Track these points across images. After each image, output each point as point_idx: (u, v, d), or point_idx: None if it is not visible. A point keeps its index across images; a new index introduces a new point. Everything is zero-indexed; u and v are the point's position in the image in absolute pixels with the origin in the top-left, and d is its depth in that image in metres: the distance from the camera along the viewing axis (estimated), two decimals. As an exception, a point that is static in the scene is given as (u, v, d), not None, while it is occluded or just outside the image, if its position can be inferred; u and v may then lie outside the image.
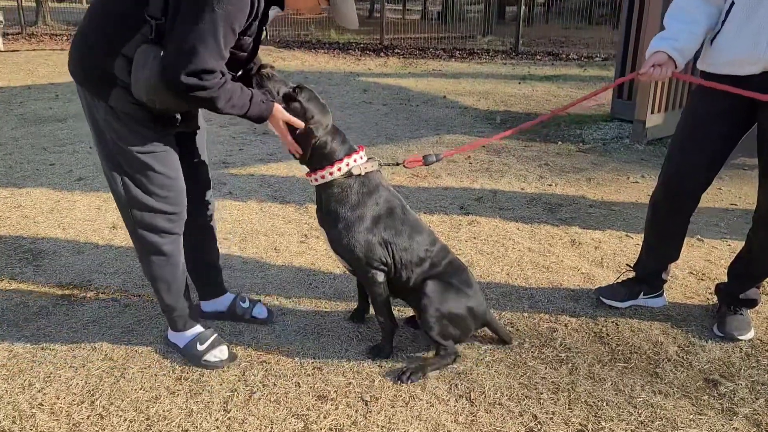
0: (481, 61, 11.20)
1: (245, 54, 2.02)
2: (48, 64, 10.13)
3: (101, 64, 1.92)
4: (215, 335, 2.35)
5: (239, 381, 2.21)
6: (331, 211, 2.20)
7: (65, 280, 2.94)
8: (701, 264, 3.07)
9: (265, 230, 3.54)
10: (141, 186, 2.10)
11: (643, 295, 2.66)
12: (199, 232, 2.46)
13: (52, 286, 2.88)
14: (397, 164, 2.39)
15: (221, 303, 2.60)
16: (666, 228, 2.58)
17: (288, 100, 2.13)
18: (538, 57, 11.61)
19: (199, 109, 2.28)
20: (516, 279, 2.94)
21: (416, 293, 2.25)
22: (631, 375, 2.21)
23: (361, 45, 13.35)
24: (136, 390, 2.16)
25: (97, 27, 1.94)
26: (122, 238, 3.41)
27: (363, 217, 2.18)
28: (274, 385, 2.18)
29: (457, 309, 2.22)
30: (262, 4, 1.91)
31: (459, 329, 2.24)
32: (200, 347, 2.30)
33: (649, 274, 2.66)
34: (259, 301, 2.63)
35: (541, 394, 2.10)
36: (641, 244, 2.72)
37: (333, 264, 3.10)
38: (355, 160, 2.19)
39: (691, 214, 2.53)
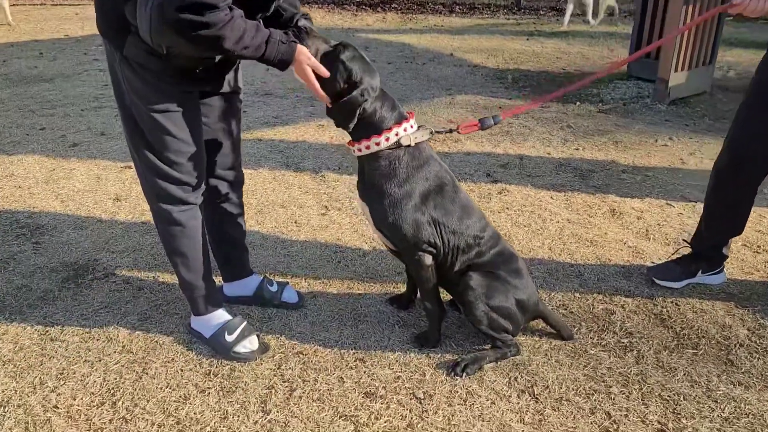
0: (483, 16, 10.79)
1: None
2: (29, 20, 9.61)
3: (116, 8, 1.72)
4: (245, 323, 2.13)
5: (275, 376, 2.00)
6: (376, 185, 1.96)
7: (69, 260, 2.69)
8: (754, 235, 2.88)
9: (282, 201, 3.29)
10: (154, 150, 1.88)
11: (702, 273, 2.46)
12: (224, 206, 2.22)
13: (56, 266, 2.64)
14: (451, 131, 2.12)
15: (246, 286, 2.37)
16: (731, 197, 2.37)
17: (329, 60, 1.86)
18: (541, 12, 11.22)
19: (236, 69, 2.02)
20: (560, 254, 2.72)
21: (457, 282, 2.04)
22: (703, 363, 2.02)
23: (357, 0, 12.85)
24: (161, 388, 1.94)
25: None
26: (127, 211, 3.15)
27: (412, 193, 1.94)
28: (315, 380, 1.97)
29: (506, 302, 2.01)
30: None
31: (510, 322, 2.03)
32: (229, 337, 2.08)
33: (708, 249, 2.45)
34: (287, 283, 2.41)
35: (611, 387, 1.91)
36: (700, 216, 2.50)
37: (360, 239, 2.87)
38: (405, 129, 1.94)
39: (760, 182, 2.32)
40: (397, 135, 1.93)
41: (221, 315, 2.15)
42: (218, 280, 2.36)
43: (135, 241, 2.86)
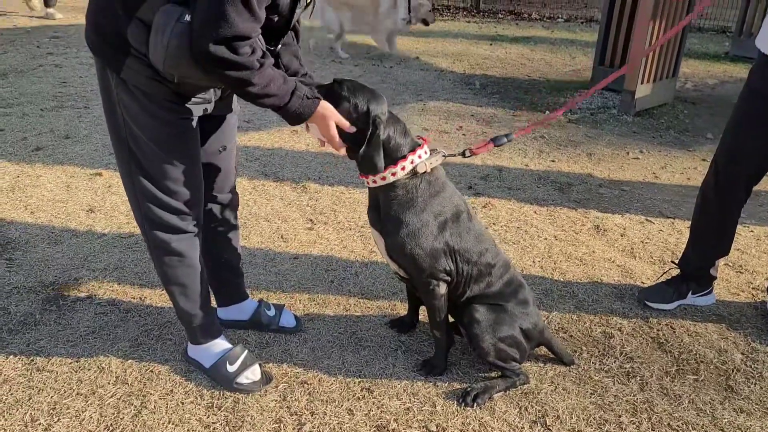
0: (443, 18, 10.83)
1: (279, 19, 1.69)
2: (-29, 7, 9.09)
3: (115, 27, 1.62)
4: (246, 352, 2.05)
5: (282, 408, 1.93)
6: (392, 216, 1.91)
7: (48, 278, 2.54)
8: (734, 254, 2.97)
9: (265, 214, 3.21)
10: (152, 179, 1.78)
11: (692, 294, 2.52)
12: (219, 229, 2.13)
13: (34, 286, 2.49)
14: (464, 155, 2.09)
15: (242, 310, 2.29)
16: (716, 219, 2.43)
17: (330, 96, 1.80)
18: (500, 15, 11.35)
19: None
20: (552, 273, 2.75)
21: (463, 310, 2.03)
22: (705, 390, 2.07)
23: (316, -5, 12.64)
24: (163, 424, 1.85)
25: None
26: (103, 224, 3.00)
27: (429, 222, 1.90)
28: (324, 413, 1.92)
29: (512, 332, 2.01)
30: None
31: (517, 350, 2.03)
32: (231, 367, 2.00)
33: (696, 270, 2.52)
34: (284, 306, 2.34)
35: (620, 416, 1.94)
36: (687, 237, 2.56)
37: (350, 255, 2.83)
38: (419, 156, 1.90)
39: (744, 203, 2.39)
40: (412, 163, 1.88)
41: (221, 344, 2.07)
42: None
43: (116, 257, 2.72)
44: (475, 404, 1.95)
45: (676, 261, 2.62)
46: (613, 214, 3.37)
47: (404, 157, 1.87)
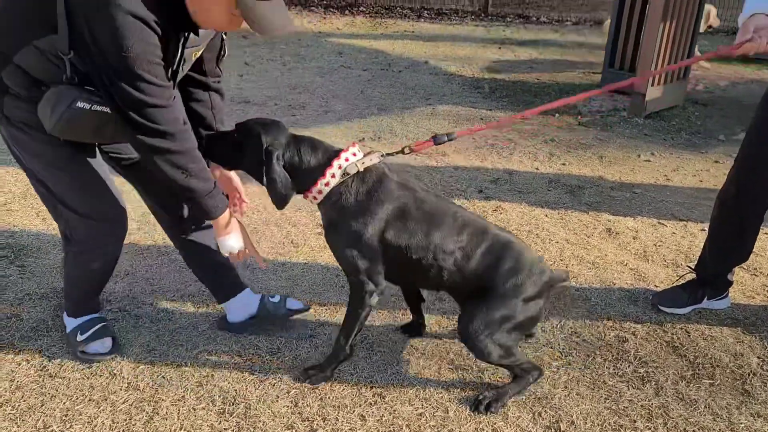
0: (452, 22, 10.83)
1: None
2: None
3: None
4: (100, 326, 2.14)
5: (293, 414, 1.93)
6: (330, 222, 1.94)
7: (59, 285, 2.55)
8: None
9: (275, 219, 3.21)
10: (63, 200, 1.88)
11: (707, 299, 2.49)
12: (192, 234, 2.19)
13: (46, 292, 2.50)
14: (404, 152, 2.04)
15: (248, 305, 2.29)
16: (737, 227, 2.40)
17: (225, 144, 1.93)
18: (508, 19, 11.33)
19: None
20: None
21: (462, 291, 1.99)
22: (721, 394, 2.04)
23: (324, 2, 12.73)
24: (176, 430, 1.85)
25: None
26: (114, 230, 3.01)
27: (366, 224, 1.87)
28: (336, 419, 1.91)
29: (508, 317, 1.89)
30: (171, 33, 1.66)
31: (521, 331, 1.96)
32: (80, 337, 2.11)
33: (713, 275, 2.49)
34: (287, 296, 2.36)
35: (635, 422, 1.91)
36: (704, 242, 2.53)
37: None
38: (347, 159, 1.89)
39: (765, 210, 2.35)
40: (340, 168, 1.88)
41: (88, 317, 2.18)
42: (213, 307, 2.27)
43: (126, 264, 2.73)
44: (488, 412, 1.93)
45: (692, 266, 2.58)
46: (625, 217, 3.35)
47: (329, 165, 1.87)
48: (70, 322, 2.17)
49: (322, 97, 5.59)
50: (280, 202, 1.89)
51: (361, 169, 1.89)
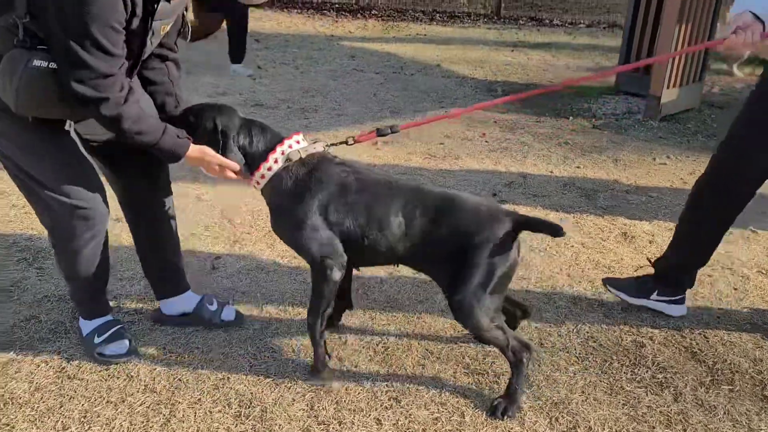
0: (464, 25, 10.82)
1: (133, 53, 1.79)
2: None
3: None
4: (117, 328, 2.17)
5: (309, 417, 1.93)
6: (274, 207, 1.98)
7: (76, 288, 2.57)
8: (766, 260, 2.91)
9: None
10: (42, 184, 1.87)
11: (657, 295, 2.43)
12: (148, 221, 2.23)
13: (63, 294, 2.51)
14: (347, 142, 2.07)
15: (185, 302, 2.34)
16: (704, 222, 2.34)
17: (185, 126, 1.92)
18: (521, 21, 11.30)
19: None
20: (580, 281, 2.71)
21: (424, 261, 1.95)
22: (741, 401, 2.02)
23: (336, 5, 12.75)
24: (193, 433, 1.86)
25: None
26: (129, 234, 3.02)
27: (309, 204, 1.89)
28: (352, 423, 1.91)
29: (481, 273, 1.81)
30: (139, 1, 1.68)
31: (500, 291, 1.87)
32: (98, 339, 2.13)
33: (670, 273, 2.42)
34: (226, 302, 2.41)
35: (654, 428, 1.90)
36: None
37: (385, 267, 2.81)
38: (290, 146, 1.93)
39: (737, 211, 2.29)
40: (283, 153, 1.91)
41: (103, 319, 2.19)
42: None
43: (140, 266, 2.74)
44: (506, 417, 1.92)
45: (652, 259, 2.53)
46: (641, 220, 3.32)
47: (273, 149, 1.91)
48: (86, 326, 2.19)
49: (334, 100, 5.60)
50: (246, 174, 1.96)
51: (303, 156, 1.93)
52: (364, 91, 5.97)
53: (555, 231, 1.85)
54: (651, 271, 2.50)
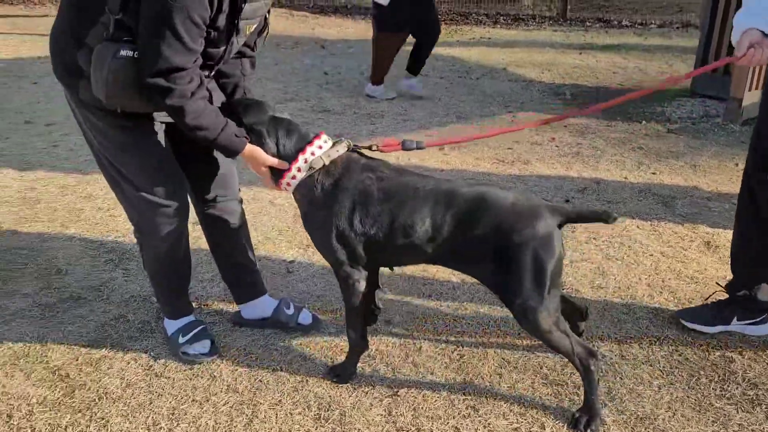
0: (529, 27, 10.67)
1: (219, 51, 1.85)
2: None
3: (69, 55, 1.82)
4: (200, 328, 2.25)
5: (388, 423, 1.94)
6: (305, 214, 1.98)
7: (160, 289, 2.67)
8: None
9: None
10: (130, 182, 1.97)
11: (738, 320, 2.31)
12: (225, 229, 2.29)
13: (148, 295, 2.62)
14: (370, 148, 2.02)
15: (263, 309, 2.39)
16: (752, 233, 2.22)
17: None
18: (588, 23, 11.05)
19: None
20: (661, 292, 2.63)
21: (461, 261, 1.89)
22: (841, 422, 1.91)
23: (400, 9, 12.75)
24: (275, 434, 1.90)
25: (65, 14, 1.84)
26: (209, 235, 3.12)
27: (335, 214, 1.88)
28: (431, 430, 1.90)
29: (543, 271, 1.75)
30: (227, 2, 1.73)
31: (555, 286, 1.80)
32: (182, 339, 2.21)
33: (741, 294, 2.30)
34: (303, 306, 2.43)
35: (747, 447, 1.82)
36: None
37: (441, 269, 2.80)
38: (313, 153, 1.90)
39: None
40: (306, 161, 1.89)
41: (186, 319, 2.28)
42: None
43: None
44: (589, 431, 1.87)
45: (722, 283, 2.43)
46: (725, 229, 3.19)
47: (295, 159, 1.90)
48: (171, 325, 2.28)
49: (400, 105, 5.62)
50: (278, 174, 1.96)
51: (327, 162, 1.91)
52: (429, 95, 5.97)
53: (606, 216, 1.81)
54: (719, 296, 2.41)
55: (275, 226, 3.24)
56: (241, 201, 2.33)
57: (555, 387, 2.08)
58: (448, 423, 1.93)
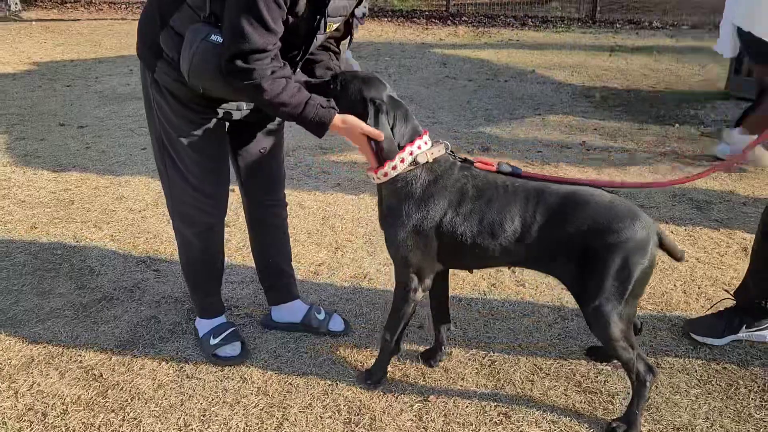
0: (558, 29, 10.57)
1: (298, 42, 1.84)
2: (113, 35, 9.93)
3: (152, 34, 1.86)
4: (231, 330, 2.26)
5: (418, 429, 1.92)
6: (392, 208, 1.87)
7: (190, 290, 2.69)
8: None
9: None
10: (180, 172, 1.99)
11: (746, 328, 2.25)
12: (265, 231, 2.32)
13: (179, 296, 2.64)
14: (467, 160, 1.93)
15: (293, 312, 2.39)
16: None
17: (327, 95, 1.84)
18: (617, 25, 10.91)
19: None
20: (697, 298, 2.57)
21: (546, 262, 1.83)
22: None
23: (426, 13, 12.77)
24: (305, 437, 1.89)
25: None
26: (239, 237, 3.14)
27: (427, 214, 1.83)
28: (462, 436, 1.88)
29: (630, 276, 1.69)
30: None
31: (634, 297, 1.74)
32: (213, 340, 2.22)
33: (753, 302, 2.24)
34: (334, 311, 2.44)
35: (790, 461, 1.76)
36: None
37: (476, 275, 2.78)
38: (419, 147, 1.85)
39: None
40: (411, 154, 1.83)
41: (218, 320, 2.30)
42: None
43: (252, 270, 2.82)
44: (626, 443, 1.83)
45: (731, 291, 2.35)
46: (762, 235, 3.11)
47: (402, 148, 1.83)
48: (202, 326, 2.29)
49: (428, 108, 5.60)
50: (391, 153, 1.83)
51: (430, 160, 1.86)
52: (458, 98, 5.95)
53: (681, 256, 1.86)
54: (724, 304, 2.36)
55: (304, 229, 3.25)
56: (286, 206, 2.36)
57: (588, 395, 2.04)
58: (479, 429, 1.91)
